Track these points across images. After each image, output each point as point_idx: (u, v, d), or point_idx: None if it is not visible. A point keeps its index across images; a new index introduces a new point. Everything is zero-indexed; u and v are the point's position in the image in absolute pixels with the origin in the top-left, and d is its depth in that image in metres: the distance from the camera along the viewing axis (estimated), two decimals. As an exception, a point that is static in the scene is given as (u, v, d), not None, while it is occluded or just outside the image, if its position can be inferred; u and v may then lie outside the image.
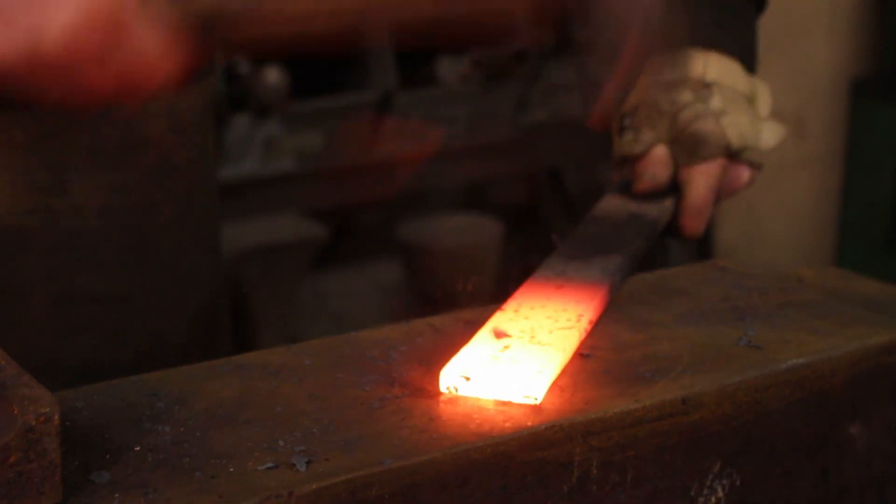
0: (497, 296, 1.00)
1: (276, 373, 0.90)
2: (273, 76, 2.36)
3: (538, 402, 0.86)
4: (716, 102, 1.15)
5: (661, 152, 1.15)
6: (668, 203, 1.16)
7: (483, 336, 0.92)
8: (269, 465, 0.78)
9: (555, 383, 0.89)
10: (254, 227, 2.44)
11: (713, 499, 0.92)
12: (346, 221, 2.89)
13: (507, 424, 0.84)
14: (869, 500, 1.00)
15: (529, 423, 0.84)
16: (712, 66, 1.15)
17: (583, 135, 3.11)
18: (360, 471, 0.78)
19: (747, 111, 1.16)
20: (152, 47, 0.90)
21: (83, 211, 1.12)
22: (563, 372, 0.91)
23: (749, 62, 1.18)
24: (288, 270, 2.46)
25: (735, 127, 1.15)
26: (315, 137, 2.48)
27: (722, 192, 1.17)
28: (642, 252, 1.10)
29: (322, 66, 2.60)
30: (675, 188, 1.16)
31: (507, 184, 2.96)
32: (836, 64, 3.35)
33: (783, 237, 3.45)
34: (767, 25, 1.28)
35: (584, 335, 0.95)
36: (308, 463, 0.78)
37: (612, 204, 1.17)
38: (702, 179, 1.15)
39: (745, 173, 1.17)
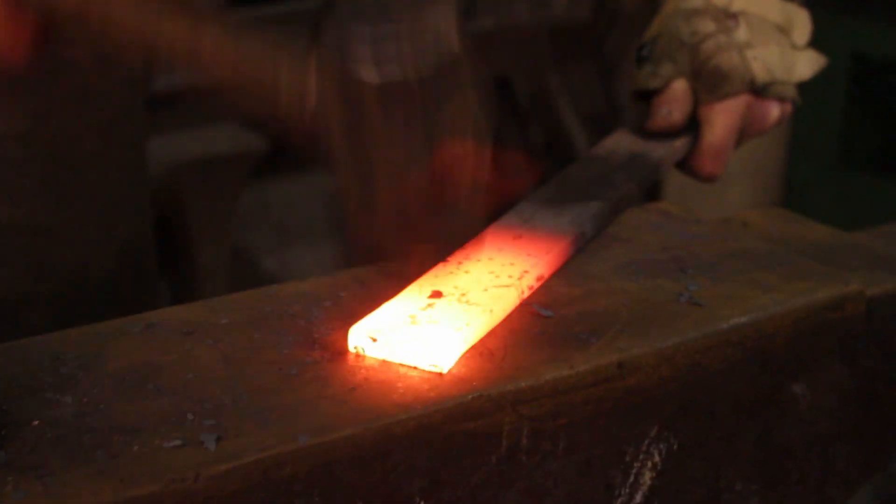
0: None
1: (190, 332, 0.85)
2: (210, -17, 2.27)
3: (444, 372, 0.81)
4: (741, 34, 1.08)
5: (679, 88, 1.08)
6: (678, 143, 1.09)
7: (411, 293, 0.87)
8: (177, 442, 0.73)
9: (485, 346, 0.84)
10: (189, 139, 2.37)
11: (649, 463, 0.88)
12: (286, 128, 2.82)
13: (432, 394, 0.79)
14: (813, 461, 0.97)
15: (456, 393, 0.79)
16: None
17: (532, 42, 3.04)
18: (272, 449, 0.73)
19: (778, 42, 1.09)
20: None
21: (3, 139, 1.07)
22: (495, 333, 0.86)
23: None
24: (226, 183, 2.39)
25: (761, 60, 1.08)
26: (254, 46, 2.40)
27: (747, 131, 1.11)
28: (632, 198, 1.05)
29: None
30: (693, 125, 1.10)
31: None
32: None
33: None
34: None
35: (526, 293, 0.90)
36: (218, 440, 0.73)
37: (618, 141, 1.10)
38: (721, 118, 1.08)
39: (774, 110, 1.11)
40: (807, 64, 1.11)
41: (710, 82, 1.08)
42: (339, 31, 0.88)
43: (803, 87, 1.12)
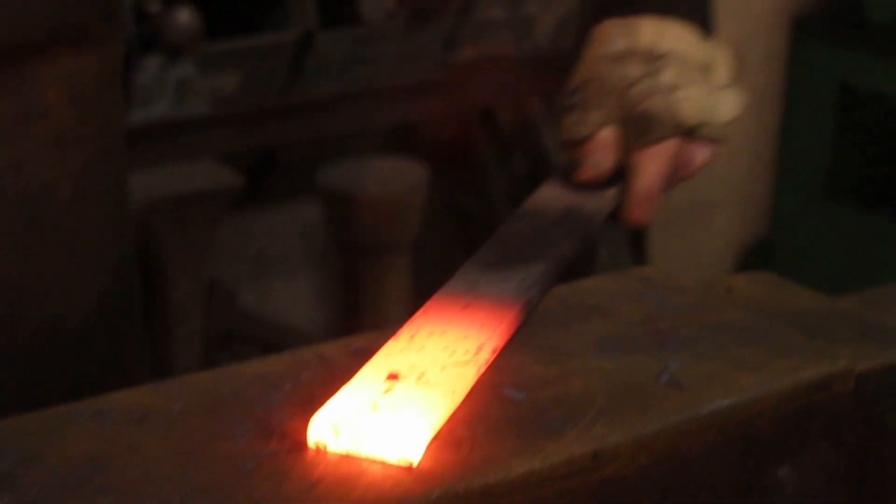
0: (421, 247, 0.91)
1: (140, 421, 0.81)
2: (185, 15, 2.23)
3: (414, 465, 0.76)
4: (668, 76, 1.04)
5: (607, 136, 1.05)
6: (610, 193, 1.06)
7: (367, 374, 0.83)
8: (121, 549, 0.69)
9: (451, 434, 0.80)
10: (165, 175, 2.33)
11: (627, 555, 0.84)
12: (265, 162, 2.78)
13: (396, 491, 0.75)
14: (797, 546, 0.93)
15: (420, 489, 0.75)
16: (664, 34, 1.05)
17: (515, 72, 3.01)
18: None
19: (703, 82, 1.06)
20: None
21: None
22: (460, 418, 0.82)
23: (704, 25, 1.09)
24: (201, 219, 2.35)
25: (689, 102, 1.04)
26: (231, 79, 2.36)
27: (676, 175, 1.08)
28: (571, 256, 1.00)
29: (237, 5, 2.48)
30: (622, 173, 1.06)
31: (435, 125, 2.87)
32: (776, 1, 3.26)
33: (720, 175, 3.38)
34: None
35: (482, 369, 0.86)
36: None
37: (548, 194, 1.06)
38: (651, 164, 1.05)
39: (702, 152, 1.08)
40: (731, 103, 1.07)
41: (638, 128, 1.05)
42: None
43: (793, 115, 1.08)
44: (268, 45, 2.41)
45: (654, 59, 1.04)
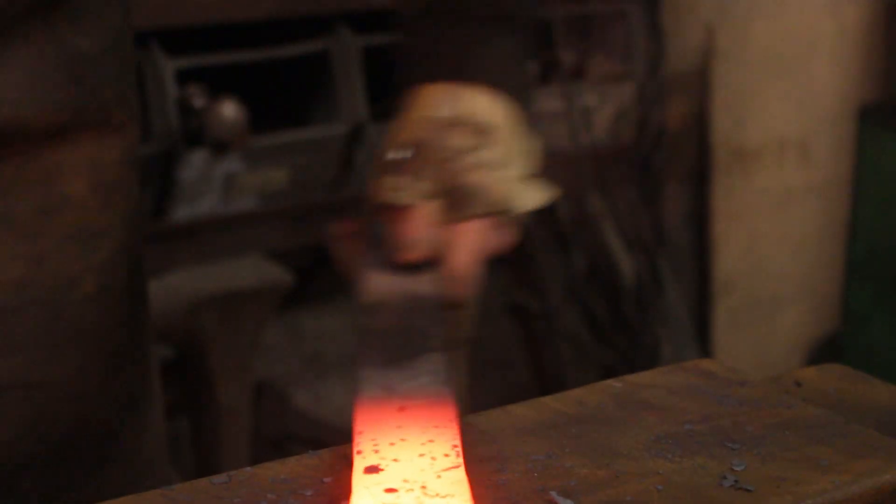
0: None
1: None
2: (230, 109, 2.18)
3: None
4: (494, 153, 0.97)
5: (429, 211, 0.97)
6: (436, 272, 0.98)
7: (362, 495, 0.73)
8: None
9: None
10: (212, 273, 2.27)
11: None
12: (317, 259, 2.72)
13: None
14: None
15: None
16: (494, 109, 0.98)
17: (575, 165, 2.94)
18: None
19: (519, 166, 1.00)
20: None
21: None
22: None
23: (525, 106, 1.02)
24: (248, 319, 2.29)
25: (507, 183, 0.98)
26: (278, 174, 2.31)
27: (484, 253, 1.00)
28: (448, 343, 0.91)
29: (284, 98, 2.43)
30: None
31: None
32: (842, 89, 3.18)
33: (786, 269, 3.29)
34: (773, 49, 1.11)
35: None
36: None
37: (376, 283, 0.96)
38: (467, 241, 0.97)
39: (509, 233, 1.00)
40: (539, 193, 1.00)
41: (456, 201, 0.97)
42: None
43: (859, 203, 1.00)
44: (317, 138, 2.36)
45: (481, 132, 0.97)
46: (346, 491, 0.75)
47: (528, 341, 3.02)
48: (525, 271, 3.03)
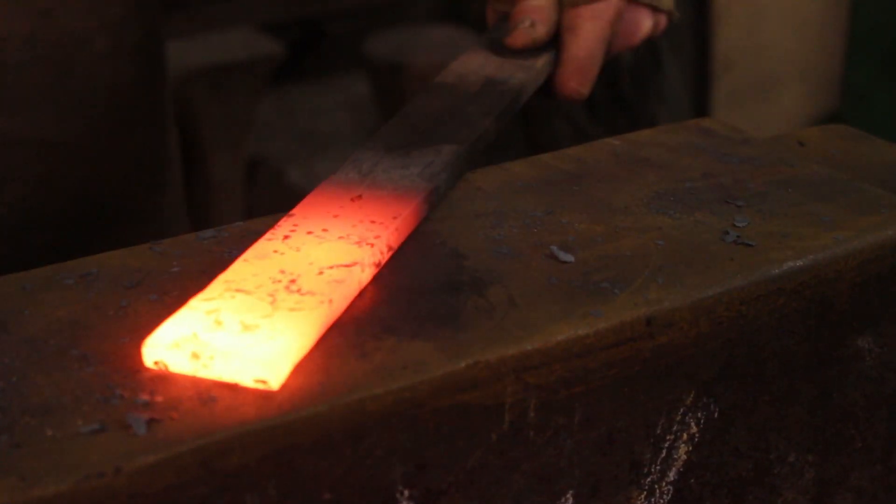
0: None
1: (133, 285, 0.72)
2: None
3: (274, 389, 0.62)
4: None
5: None
6: (541, 63, 0.94)
7: (224, 282, 0.68)
8: (96, 426, 0.60)
9: (471, 300, 0.70)
10: (202, 45, 2.23)
11: (684, 435, 0.75)
12: (310, 34, 2.67)
13: (414, 364, 0.65)
14: (879, 425, 0.83)
15: (445, 361, 0.66)
16: None
17: None
18: (215, 435, 0.60)
19: None
20: None
21: (4, 41, 0.96)
22: (492, 279, 0.72)
23: None
24: (241, 91, 2.25)
25: None
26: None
27: (615, 43, 0.96)
28: (490, 137, 0.87)
29: None
30: (554, 42, 0.95)
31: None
32: None
33: (788, 47, 3.24)
34: None
35: (369, 273, 0.72)
36: (149, 423, 0.60)
37: (470, 64, 0.93)
38: (589, 25, 0.93)
39: (646, 19, 0.97)
40: None
41: None
42: None
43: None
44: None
45: None
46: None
47: (524, 121, 2.99)
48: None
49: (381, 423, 0.63)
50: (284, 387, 0.62)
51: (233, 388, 0.62)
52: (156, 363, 0.63)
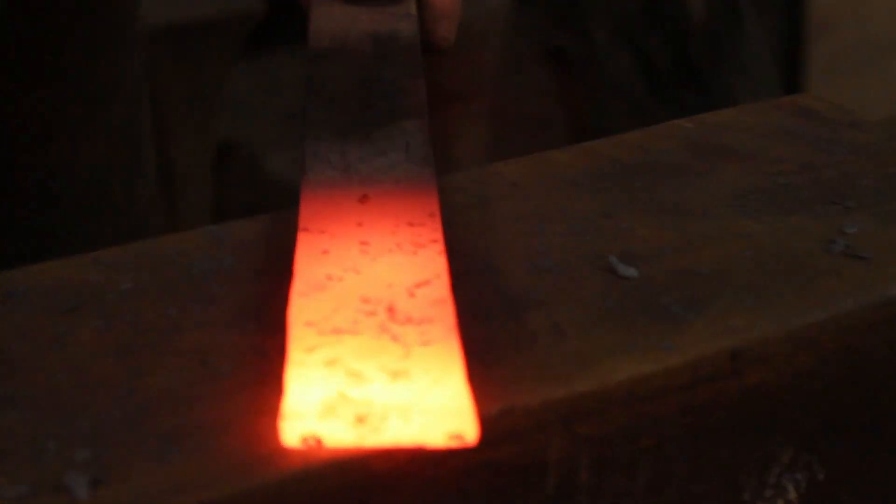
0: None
1: (74, 307, 0.72)
2: None
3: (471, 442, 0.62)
4: None
5: None
6: (413, 8, 0.97)
7: (301, 333, 0.66)
8: (24, 487, 0.59)
9: (506, 328, 0.70)
10: (164, 1, 2.27)
11: (780, 502, 0.75)
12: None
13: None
14: None
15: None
16: None
17: None
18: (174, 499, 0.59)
19: None
20: None
21: None
22: (533, 301, 0.72)
23: None
24: (211, 61, 2.29)
25: None
26: None
27: None
28: (426, 99, 0.89)
29: None
30: None
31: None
32: None
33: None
34: None
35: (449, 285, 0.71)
36: (92, 485, 0.60)
37: (332, 19, 0.96)
38: None
39: None
40: None
41: None
42: None
43: None
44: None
45: None
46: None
47: (569, 94, 3.01)
48: (564, 4, 3.00)
49: (385, 487, 0.63)
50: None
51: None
52: (304, 440, 0.61)
